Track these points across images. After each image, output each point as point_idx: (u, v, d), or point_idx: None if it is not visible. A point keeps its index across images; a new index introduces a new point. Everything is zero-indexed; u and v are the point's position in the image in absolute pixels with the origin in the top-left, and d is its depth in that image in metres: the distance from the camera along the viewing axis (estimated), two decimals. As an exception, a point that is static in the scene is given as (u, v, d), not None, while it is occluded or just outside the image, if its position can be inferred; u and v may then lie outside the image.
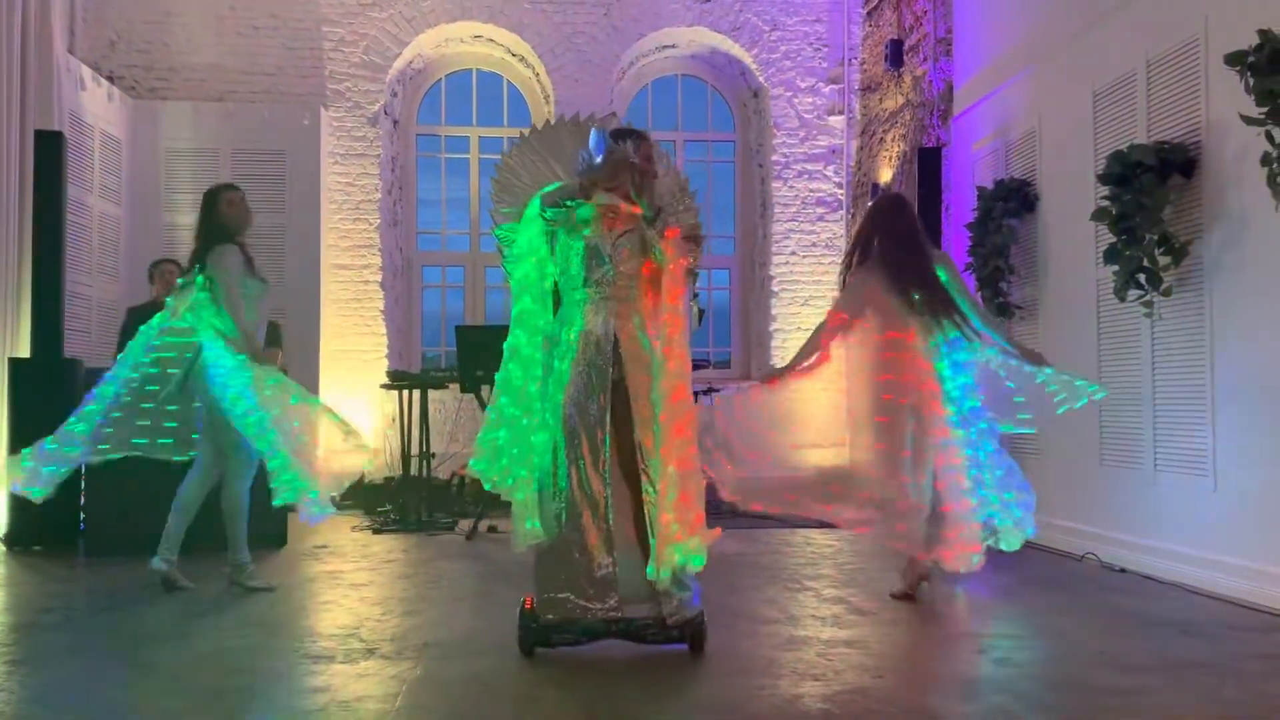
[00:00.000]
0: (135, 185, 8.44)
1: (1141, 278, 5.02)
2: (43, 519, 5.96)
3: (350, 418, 5.27)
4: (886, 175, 8.73)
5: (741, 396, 4.66)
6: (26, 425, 5.86)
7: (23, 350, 6.61)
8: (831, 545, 6.27)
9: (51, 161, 6.56)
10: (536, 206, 3.75)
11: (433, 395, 7.97)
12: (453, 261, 9.73)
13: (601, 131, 3.80)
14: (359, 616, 4.28)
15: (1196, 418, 4.88)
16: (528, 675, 3.39)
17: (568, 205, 3.72)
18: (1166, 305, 5.00)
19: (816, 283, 9.49)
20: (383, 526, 7.10)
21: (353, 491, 5.21)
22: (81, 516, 6.14)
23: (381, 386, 7.91)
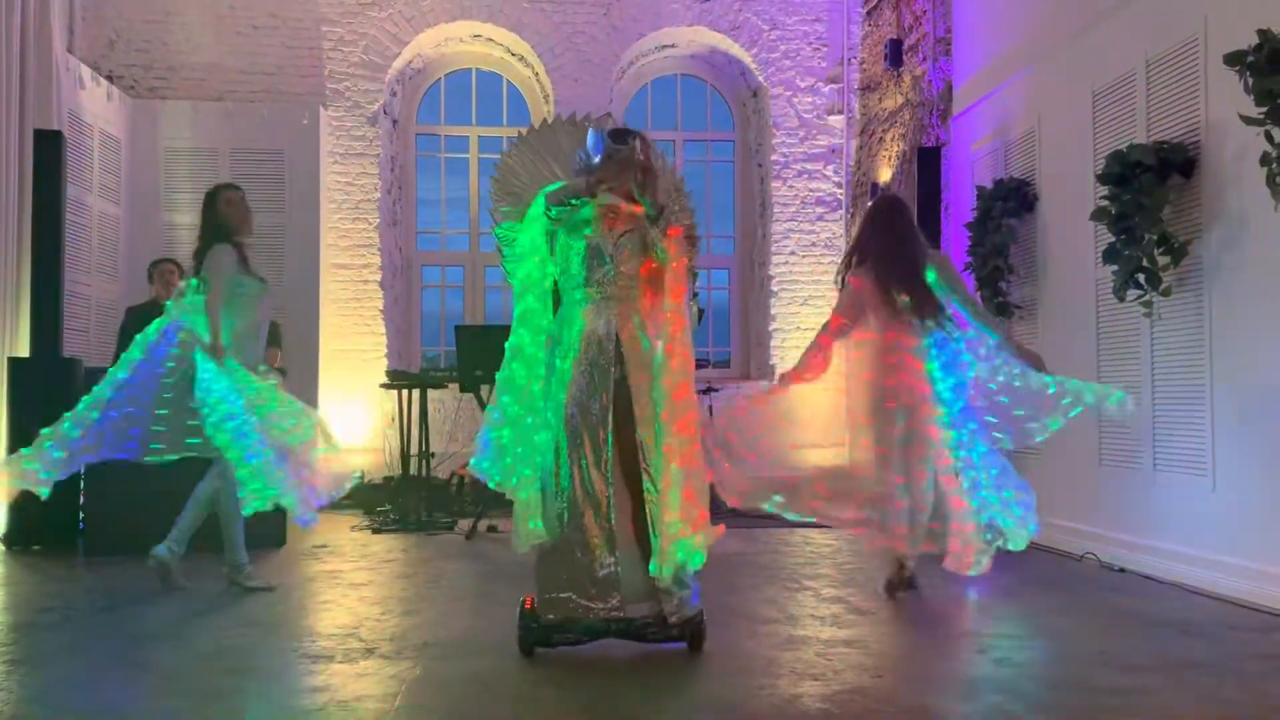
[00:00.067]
0: (134, 185, 8.43)
1: (1141, 277, 5.02)
2: (42, 519, 5.95)
3: (338, 434, 5.25)
4: (886, 175, 8.73)
5: (744, 399, 4.67)
6: (26, 425, 5.84)
7: (22, 350, 6.61)
8: (831, 545, 6.27)
9: (51, 161, 6.55)
10: (540, 205, 3.74)
11: (432, 395, 7.98)
12: (452, 261, 9.73)
13: (599, 131, 3.79)
14: (358, 616, 4.28)
15: (1196, 418, 4.88)
16: (527, 675, 3.39)
17: (572, 204, 3.72)
18: (1165, 305, 5.00)
19: (816, 282, 9.48)
20: (382, 526, 7.10)
21: (352, 491, 5.23)
22: (81, 516, 6.14)
23: (381, 386, 7.91)
